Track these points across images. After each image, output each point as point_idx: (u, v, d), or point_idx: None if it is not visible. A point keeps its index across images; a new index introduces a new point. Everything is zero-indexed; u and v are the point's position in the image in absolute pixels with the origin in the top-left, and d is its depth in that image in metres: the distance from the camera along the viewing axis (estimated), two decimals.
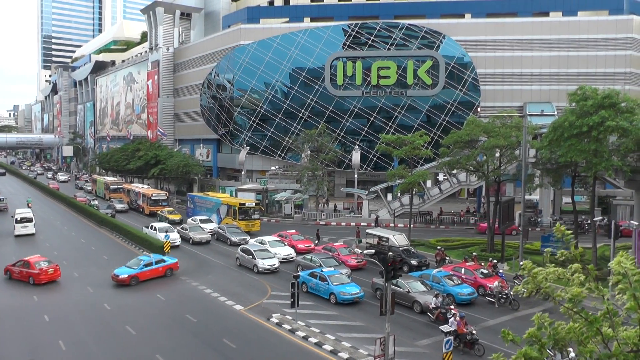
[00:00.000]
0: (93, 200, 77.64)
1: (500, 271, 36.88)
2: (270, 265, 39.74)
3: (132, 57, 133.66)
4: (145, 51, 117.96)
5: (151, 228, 52.31)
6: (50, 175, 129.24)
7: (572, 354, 7.93)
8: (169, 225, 54.11)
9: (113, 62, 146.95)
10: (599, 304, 7.75)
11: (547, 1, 78.74)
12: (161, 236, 48.45)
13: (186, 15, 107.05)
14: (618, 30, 73.05)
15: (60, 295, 34.30)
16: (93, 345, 25.79)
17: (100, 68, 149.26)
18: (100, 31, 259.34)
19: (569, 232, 8.41)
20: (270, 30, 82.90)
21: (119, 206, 73.23)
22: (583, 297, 7.69)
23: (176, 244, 48.70)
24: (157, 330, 28.10)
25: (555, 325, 7.97)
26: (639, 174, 38.49)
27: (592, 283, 7.81)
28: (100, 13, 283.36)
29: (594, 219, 40.31)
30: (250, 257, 40.59)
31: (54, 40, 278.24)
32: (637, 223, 37.49)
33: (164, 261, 38.89)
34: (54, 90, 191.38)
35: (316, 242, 49.13)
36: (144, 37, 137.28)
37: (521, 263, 8.75)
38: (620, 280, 7.46)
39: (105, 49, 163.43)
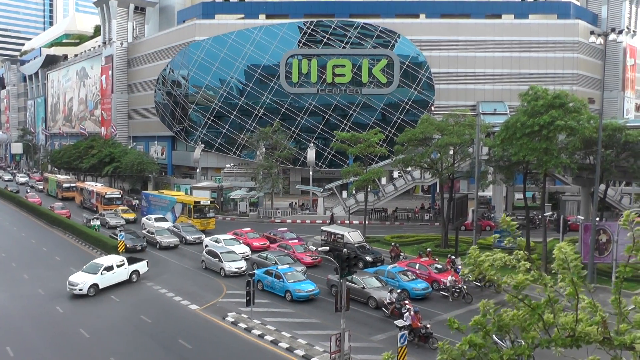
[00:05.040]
0: (93, 219, 55.26)
1: (459, 267, 37.48)
2: (237, 268, 38.17)
3: (85, 51, 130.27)
4: (99, 45, 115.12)
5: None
6: (8, 177, 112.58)
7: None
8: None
9: (65, 57, 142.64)
10: (544, 292, 8.04)
11: (500, 4, 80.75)
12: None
13: (140, 9, 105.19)
14: (566, 33, 75.50)
15: (8, 299, 33.12)
16: (44, 351, 25.16)
17: (51, 62, 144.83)
18: (51, 24, 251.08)
19: (514, 222, 8.72)
20: (226, 26, 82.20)
21: (113, 221, 56.66)
22: (527, 285, 7.98)
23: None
24: (111, 332, 27.64)
25: (501, 312, 8.24)
26: (585, 171, 39.85)
27: (536, 271, 8.10)
28: (51, 5, 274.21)
29: (545, 214, 41.52)
30: (217, 259, 38.98)
31: (0, 32, 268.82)
32: (583, 218, 38.87)
33: None
34: (1, 84, 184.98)
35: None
36: (97, 31, 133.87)
37: (468, 251, 9.04)
38: (560, 265, 7.76)
39: (56, 43, 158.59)
